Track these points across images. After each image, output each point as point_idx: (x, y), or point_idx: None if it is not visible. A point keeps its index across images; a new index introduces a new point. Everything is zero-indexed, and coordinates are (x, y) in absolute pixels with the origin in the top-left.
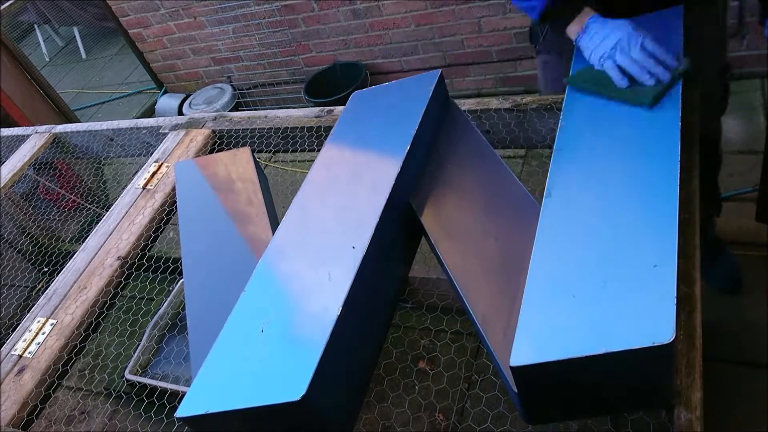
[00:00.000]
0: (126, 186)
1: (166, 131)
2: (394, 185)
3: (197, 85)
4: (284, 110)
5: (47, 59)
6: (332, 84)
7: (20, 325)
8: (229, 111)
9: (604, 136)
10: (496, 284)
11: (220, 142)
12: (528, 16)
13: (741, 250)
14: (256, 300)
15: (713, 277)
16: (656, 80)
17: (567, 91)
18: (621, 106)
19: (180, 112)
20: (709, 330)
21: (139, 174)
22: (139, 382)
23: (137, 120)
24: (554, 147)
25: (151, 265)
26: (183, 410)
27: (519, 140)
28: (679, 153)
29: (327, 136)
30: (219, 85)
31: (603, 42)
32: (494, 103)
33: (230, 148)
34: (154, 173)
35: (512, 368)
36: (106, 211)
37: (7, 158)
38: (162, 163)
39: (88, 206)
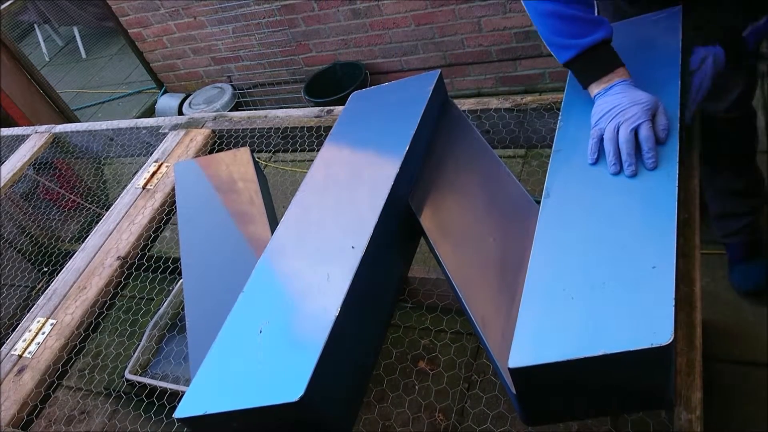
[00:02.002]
0: (126, 186)
1: (166, 131)
2: (393, 185)
3: (197, 85)
4: (284, 110)
5: (47, 59)
6: (332, 84)
7: (20, 325)
8: (229, 111)
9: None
10: (494, 285)
11: (220, 141)
12: (555, 57)
13: None
14: (255, 300)
15: (741, 276)
16: (617, 170)
17: (567, 90)
18: None
19: (180, 112)
20: (709, 330)
21: (139, 174)
22: (139, 382)
23: (137, 120)
24: (553, 147)
25: (151, 265)
26: (182, 411)
27: (519, 140)
28: (678, 153)
29: (327, 136)
30: (219, 84)
31: (611, 107)
32: (494, 102)
33: (230, 148)
34: (153, 173)
35: (511, 370)
36: (106, 211)
37: (7, 158)
38: (162, 163)
39: (88, 206)
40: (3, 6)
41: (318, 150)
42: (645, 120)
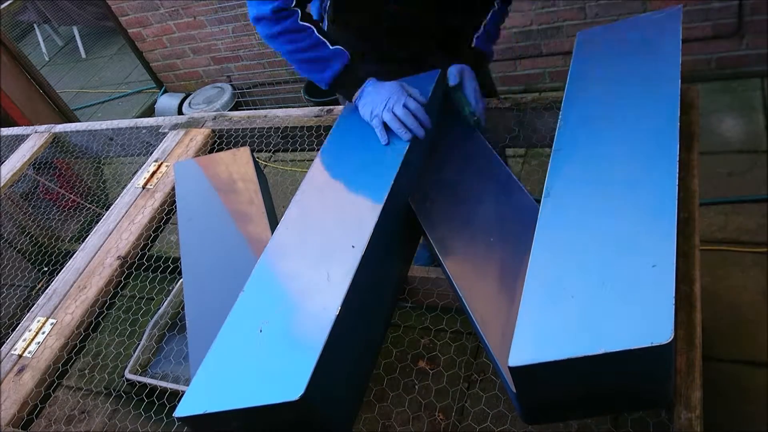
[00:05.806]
0: (126, 185)
1: (166, 131)
2: (394, 184)
3: (197, 85)
4: (284, 110)
5: (47, 59)
6: None
7: (20, 324)
8: (229, 110)
9: (603, 137)
10: (494, 285)
11: (219, 141)
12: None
13: (740, 247)
14: (255, 300)
15: None
16: (412, 136)
17: (566, 90)
18: (620, 108)
19: (180, 112)
20: (709, 330)
21: (138, 173)
22: (139, 382)
23: (137, 119)
24: (553, 147)
25: (151, 264)
26: (182, 410)
27: (519, 140)
28: (678, 153)
29: (327, 135)
30: (219, 84)
31: (374, 101)
32: (494, 102)
33: (230, 148)
34: (153, 173)
35: (511, 368)
36: (106, 210)
37: (7, 158)
38: (162, 163)
39: (88, 206)
40: (3, 6)
41: (318, 149)
42: (406, 97)
